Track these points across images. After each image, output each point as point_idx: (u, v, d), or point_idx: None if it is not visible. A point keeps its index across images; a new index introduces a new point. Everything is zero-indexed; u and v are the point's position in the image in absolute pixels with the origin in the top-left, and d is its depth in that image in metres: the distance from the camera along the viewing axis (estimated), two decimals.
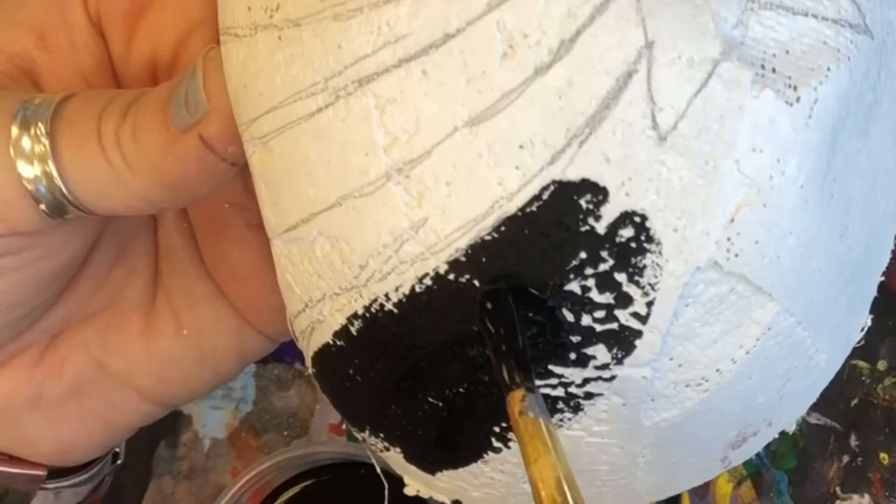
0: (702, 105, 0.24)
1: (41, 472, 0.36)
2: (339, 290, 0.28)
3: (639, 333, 0.26)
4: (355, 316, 0.28)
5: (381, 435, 0.31)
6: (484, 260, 0.25)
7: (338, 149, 0.26)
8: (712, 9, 0.24)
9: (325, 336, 0.29)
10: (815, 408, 0.32)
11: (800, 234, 0.26)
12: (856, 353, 0.32)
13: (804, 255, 0.26)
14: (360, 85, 0.25)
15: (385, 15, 0.25)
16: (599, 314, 0.25)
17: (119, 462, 0.41)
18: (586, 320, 0.25)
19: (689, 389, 0.27)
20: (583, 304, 0.25)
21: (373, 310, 0.27)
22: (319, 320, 0.29)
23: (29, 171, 0.29)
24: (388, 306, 0.27)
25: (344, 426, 0.56)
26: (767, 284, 0.26)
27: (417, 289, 0.26)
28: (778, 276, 0.26)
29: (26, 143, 0.29)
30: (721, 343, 0.27)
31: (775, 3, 0.25)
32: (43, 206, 0.30)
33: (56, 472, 0.37)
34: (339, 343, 0.29)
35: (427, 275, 0.26)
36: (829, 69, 0.26)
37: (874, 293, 0.31)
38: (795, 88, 0.25)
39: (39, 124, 0.29)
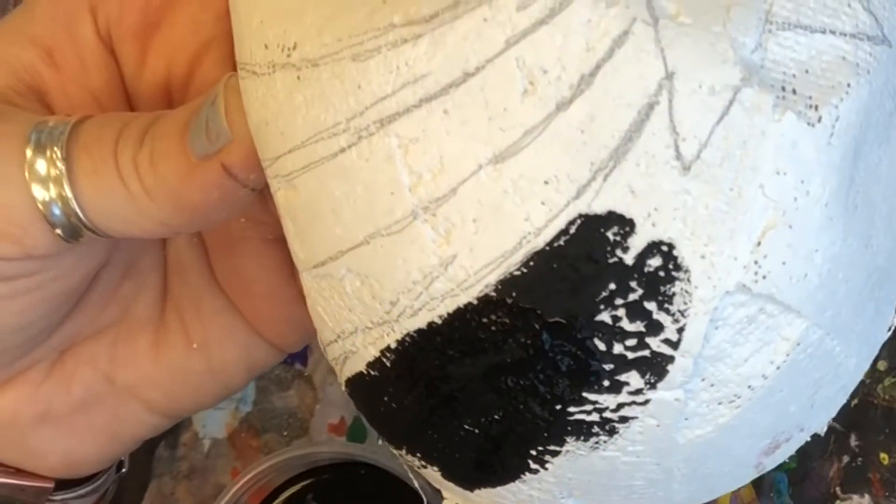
0: (724, 133, 0.24)
1: (48, 485, 0.36)
2: (370, 324, 0.28)
3: (671, 359, 0.26)
4: (388, 349, 0.28)
5: (418, 455, 0.31)
6: (514, 295, 0.25)
7: (363, 188, 0.26)
8: (730, 35, 0.24)
9: (358, 366, 0.29)
10: None
11: (826, 250, 0.26)
12: None
13: (831, 269, 0.27)
14: (382, 125, 0.25)
15: (403, 55, 0.25)
16: (631, 342, 0.26)
17: (124, 470, 0.41)
18: (618, 349, 0.26)
19: (722, 407, 0.27)
20: (614, 333, 0.25)
21: (405, 343, 0.27)
22: (352, 351, 0.29)
23: (44, 194, 0.29)
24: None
25: (345, 426, 0.56)
26: (796, 302, 0.26)
27: None
28: (806, 294, 0.26)
29: (41, 166, 0.29)
30: (752, 361, 0.27)
31: (793, 23, 0.25)
32: (58, 231, 0.29)
33: (63, 484, 0.37)
34: (372, 373, 0.29)
35: (458, 311, 0.26)
36: (849, 85, 0.25)
37: None
38: (816, 108, 0.25)
39: (55, 148, 0.29)
